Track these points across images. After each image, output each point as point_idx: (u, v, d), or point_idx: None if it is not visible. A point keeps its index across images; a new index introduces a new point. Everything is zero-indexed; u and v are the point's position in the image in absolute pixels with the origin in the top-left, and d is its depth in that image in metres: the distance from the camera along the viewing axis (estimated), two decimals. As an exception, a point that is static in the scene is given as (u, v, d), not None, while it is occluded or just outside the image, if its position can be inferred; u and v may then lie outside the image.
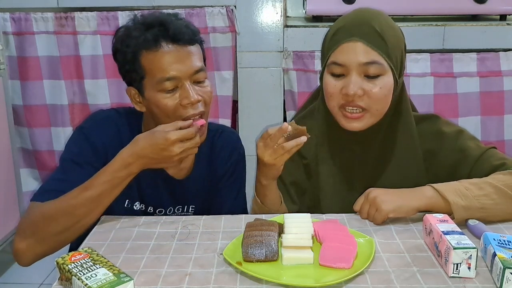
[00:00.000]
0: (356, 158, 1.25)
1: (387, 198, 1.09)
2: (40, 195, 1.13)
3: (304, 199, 1.29)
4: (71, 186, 1.12)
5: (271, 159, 1.11)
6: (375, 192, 1.11)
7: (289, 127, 1.08)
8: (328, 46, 1.19)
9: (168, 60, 1.12)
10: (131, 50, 1.14)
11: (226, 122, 2.34)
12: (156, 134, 1.07)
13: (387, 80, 1.15)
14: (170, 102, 1.14)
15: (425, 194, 1.09)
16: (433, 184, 1.10)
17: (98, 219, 1.13)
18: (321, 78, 1.23)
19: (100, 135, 1.20)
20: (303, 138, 1.09)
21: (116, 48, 1.18)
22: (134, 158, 1.07)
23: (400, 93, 1.22)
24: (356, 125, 1.17)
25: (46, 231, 1.08)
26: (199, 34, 1.20)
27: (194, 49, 1.16)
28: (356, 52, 1.13)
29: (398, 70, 1.18)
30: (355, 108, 1.15)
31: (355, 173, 1.25)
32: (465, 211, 1.05)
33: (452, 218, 1.02)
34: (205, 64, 1.21)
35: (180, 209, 1.29)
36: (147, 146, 1.07)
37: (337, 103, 1.17)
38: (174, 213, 1.28)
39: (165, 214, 1.25)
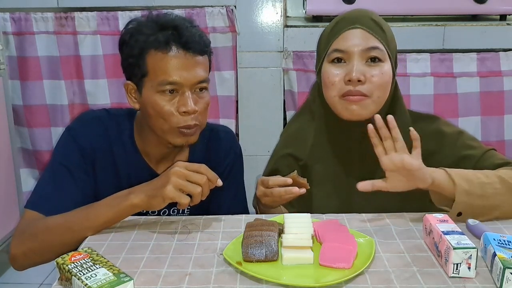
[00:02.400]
0: (354, 156, 1.25)
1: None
2: (37, 204, 1.15)
3: (300, 199, 1.29)
4: (64, 192, 1.15)
5: (268, 203, 1.19)
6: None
7: (289, 180, 1.14)
8: (328, 37, 1.21)
9: (175, 65, 1.12)
10: (139, 46, 1.14)
11: (229, 122, 2.34)
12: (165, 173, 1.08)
13: (387, 67, 1.18)
14: (167, 106, 1.14)
15: (436, 172, 1.10)
16: (445, 168, 1.11)
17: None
18: (318, 73, 1.24)
19: (88, 137, 1.21)
20: (302, 190, 1.14)
21: (123, 40, 1.18)
22: (137, 187, 1.09)
23: (394, 92, 1.23)
24: (357, 110, 1.17)
25: (46, 243, 1.09)
26: (210, 45, 1.20)
27: (202, 59, 1.16)
28: (358, 38, 1.17)
29: (394, 63, 1.21)
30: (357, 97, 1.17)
31: (352, 170, 1.25)
32: (466, 195, 1.06)
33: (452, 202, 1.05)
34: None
35: (176, 211, 1.29)
36: (153, 180, 1.09)
37: (338, 92, 1.18)
38: (169, 215, 1.28)
39: (159, 215, 1.25)
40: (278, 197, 1.14)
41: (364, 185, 1.11)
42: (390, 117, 1.07)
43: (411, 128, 1.08)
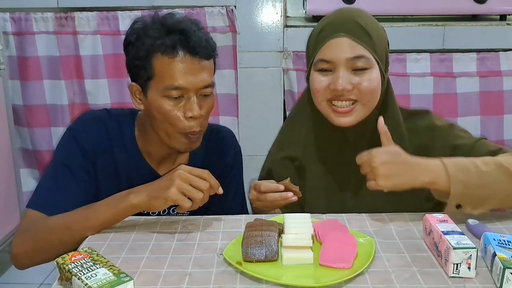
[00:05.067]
0: (345, 158, 1.24)
1: (388, 173, 1.04)
2: (39, 204, 1.16)
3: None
4: (65, 192, 1.16)
5: (260, 207, 1.19)
6: (378, 161, 1.04)
7: (282, 187, 1.14)
8: (315, 44, 1.20)
9: (181, 69, 1.12)
10: (145, 48, 1.13)
11: (232, 119, 2.35)
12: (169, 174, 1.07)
13: (375, 74, 1.16)
14: (173, 110, 1.14)
15: (433, 169, 1.05)
16: (443, 158, 1.07)
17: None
18: (307, 78, 1.23)
19: (89, 137, 1.21)
20: (294, 198, 1.14)
21: (129, 41, 1.17)
22: (137, 188, 1.08)
23: (386, 90, 1.22)
24: (346, 120, 1.17)
25: (47, 242, 1.10)
26: (216, 49, 1.20)
27: (208, 64, 1.17)
28: (343, 47, 1.14)
29: (384, 66, 1.19)
30: (345, 103, 1.16)
31: (344, 172, 1.25)
32: (463, 186, 1.03)
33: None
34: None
35: (175, 209, 1.29)
36: (155, 181, 1.08)
37: (324, 98, 1.18)
38: (169, 214, 1.28)
39: (159, 215, 1.25)
40: (270, 202, 1.14)
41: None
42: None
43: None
